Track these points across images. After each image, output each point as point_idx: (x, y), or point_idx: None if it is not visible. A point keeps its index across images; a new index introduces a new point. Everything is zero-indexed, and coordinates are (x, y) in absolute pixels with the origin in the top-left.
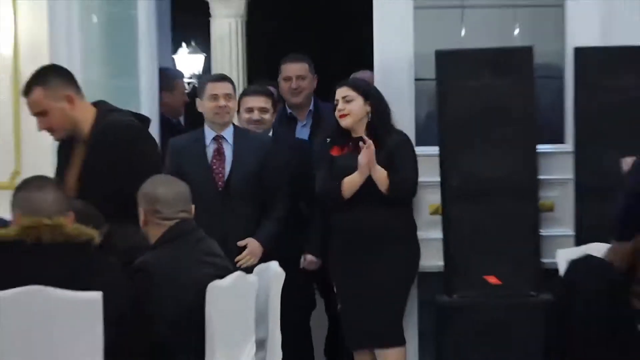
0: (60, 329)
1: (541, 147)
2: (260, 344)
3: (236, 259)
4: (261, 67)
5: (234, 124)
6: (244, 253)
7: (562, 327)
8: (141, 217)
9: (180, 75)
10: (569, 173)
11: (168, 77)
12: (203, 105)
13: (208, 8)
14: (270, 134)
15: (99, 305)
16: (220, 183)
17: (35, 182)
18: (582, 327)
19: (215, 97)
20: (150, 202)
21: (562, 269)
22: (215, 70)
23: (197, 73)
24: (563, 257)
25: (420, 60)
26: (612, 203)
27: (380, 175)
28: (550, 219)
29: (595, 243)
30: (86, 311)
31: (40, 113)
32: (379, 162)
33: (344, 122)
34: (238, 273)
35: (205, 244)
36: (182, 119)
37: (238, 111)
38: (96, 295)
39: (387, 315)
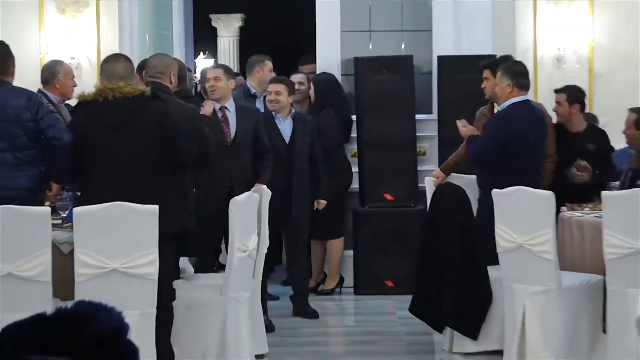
0: (131, 229)
1: (418, 116)
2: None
3: None
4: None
5: (233, 99)
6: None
7: (431, 232)
8: None
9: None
10: (435, 131)
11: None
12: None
13: (216, 31)
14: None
15: (156, 215)
16: (228, 138)
17: (112, 56)
18: (443, 230)
19: (208, 80)
20: None
21: (429, 188)
22: None
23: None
24: (429, 183)
25: (345, 63)
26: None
27: None
28: (423, 160)
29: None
30: (148, 218)
31: None
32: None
33: None
34: (248, 193)
35: None
36: None
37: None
38: (154, 209)
39: (331, 218)
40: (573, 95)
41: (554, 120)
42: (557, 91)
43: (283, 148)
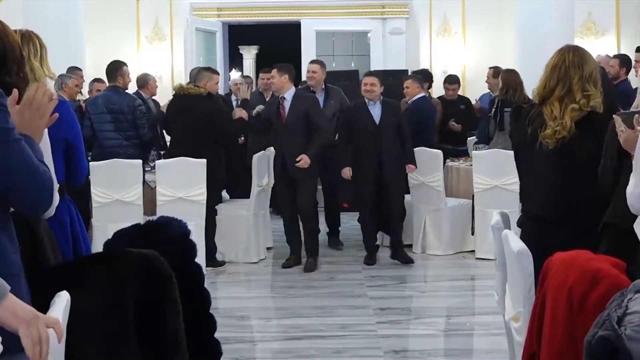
0: (189, 173)
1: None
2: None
3: (296, 165)
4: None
5: (296, 89)
6: (301, 162)
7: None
8: None
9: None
10: None
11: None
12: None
13: (242, 55)
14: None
15: (204, 165)
16: (283, 120)
17: (195, 67)
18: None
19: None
20: None
21: None
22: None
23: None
24: None
25: None
26: None
27: None
28: None
29: None
30: (199, 167)
31: None
32: None
33: None
34: (262, 152)
35: None
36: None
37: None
38: (203, 161)
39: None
40: (460, 83)
41: (443, 98)
42: (451, 82)
43: (373, 127)
